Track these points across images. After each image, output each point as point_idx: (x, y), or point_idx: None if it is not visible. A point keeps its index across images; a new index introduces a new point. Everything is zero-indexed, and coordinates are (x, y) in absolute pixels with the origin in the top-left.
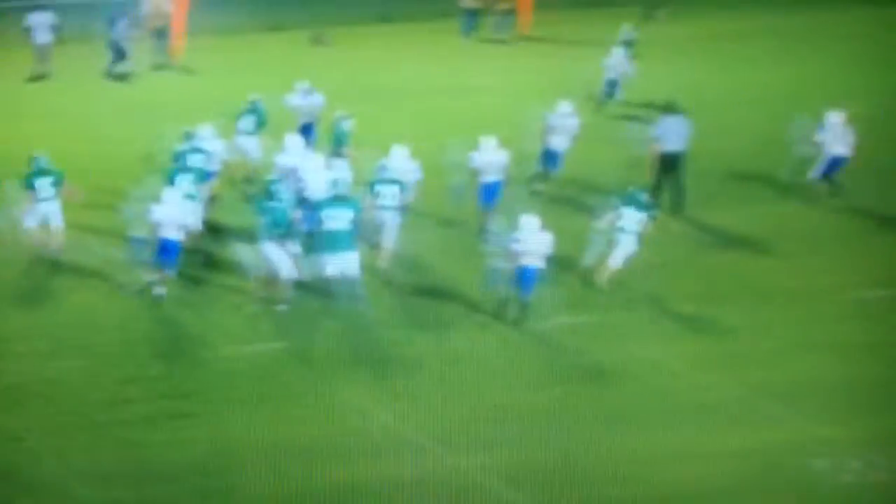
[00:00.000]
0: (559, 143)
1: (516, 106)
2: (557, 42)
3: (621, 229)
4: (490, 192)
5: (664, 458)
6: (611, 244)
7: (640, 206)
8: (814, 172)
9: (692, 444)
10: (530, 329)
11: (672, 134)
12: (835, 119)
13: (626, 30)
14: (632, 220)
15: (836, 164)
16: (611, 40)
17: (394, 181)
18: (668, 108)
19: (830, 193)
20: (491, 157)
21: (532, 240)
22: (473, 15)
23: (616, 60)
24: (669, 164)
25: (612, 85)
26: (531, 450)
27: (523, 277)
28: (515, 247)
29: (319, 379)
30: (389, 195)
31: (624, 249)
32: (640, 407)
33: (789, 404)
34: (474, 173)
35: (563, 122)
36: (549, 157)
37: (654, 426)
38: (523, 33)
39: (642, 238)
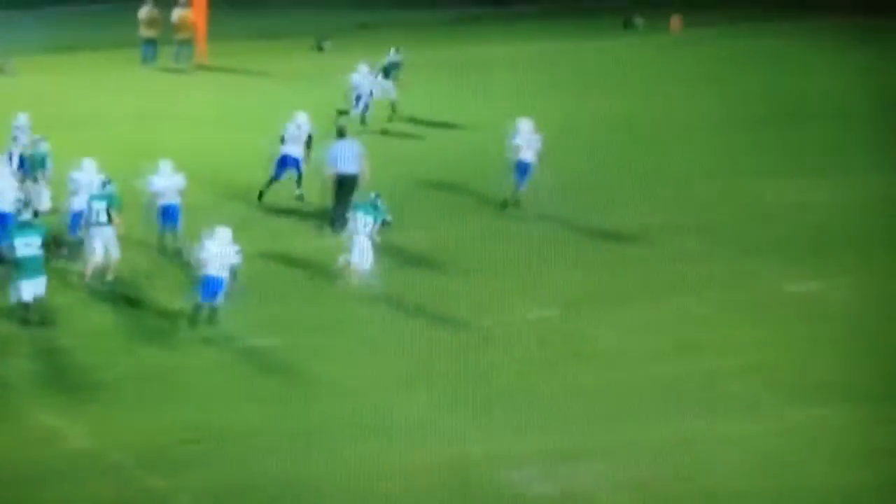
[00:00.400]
0: (296, 151)
1: (195, 131)
2: (233, 71)
3: (356, 232)
4: (168, 214)
5: (357, 475)
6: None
7: (372, 210)
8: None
9: (387, 461)
10: (226, 349)
11: (343, 157)
12: (525, 126)
13: (392, 53)
14: (362, 223)
15: (522, 169)
16: (281, 70)
17: (103, 197)
18: (339, 133)
19: (514, 203)
20: (168, 180)
21: (219, 250)
22: (152, 44)
23: (360, 78)
24: (343, 185)
25: (359, 99)
26: (229, 470)
27: (208, 285)
28: (202, 255)
29: (15, 403)
30: (101, 211)
31: (359, 251)
32: (329, 425)
33: (477, 419)
34: (153, 196)
35: (300, 133)
36: (286, 165)
37: (342, 443)
38: (201, 63)
39: (374, 241)
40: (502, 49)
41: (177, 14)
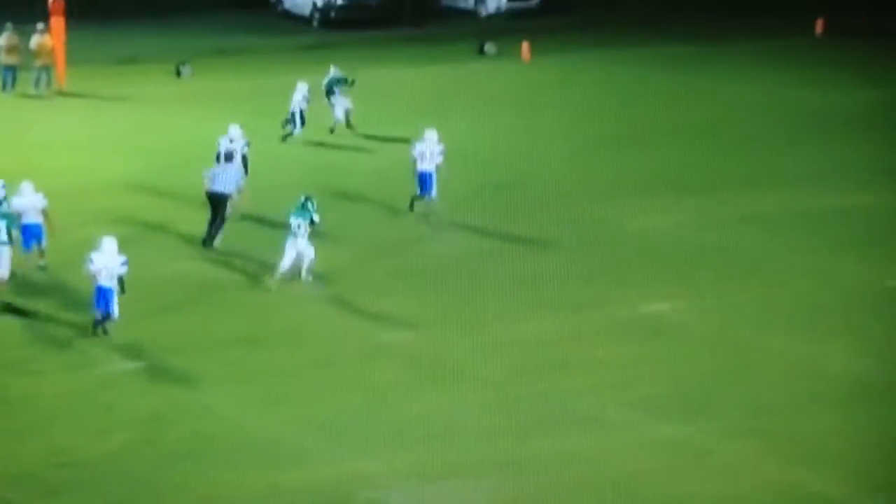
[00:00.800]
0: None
1: (56, 156)
2: (93, 97)
3: (290, 234)
4: (30, 232)
5: (223, 498)
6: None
7: (303, 212)
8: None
9: (250, 481)
10: (93, 373)
11: (218, 177)
12: (429, 135)
13: (332, 70)
14: (296, 225)
15: (423, 180)
16: (140, 95)
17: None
18: (226, 158)
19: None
20: (29, 200)
21: (105, 260)
22: (12, 71)
23: (300, 95)
24: (213, 203)
25: (294, 116)
26: (100, 494)
27: (99, 296)
28: (91, 266)
29: None
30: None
31: (290, 253)
32: (195, 447)
33: (334, 440)
34: (18, 215)
35: (236, 147)
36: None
37: (210, 465)
38: (61, 89)
39: (309, 241)
40: (367, 73)
41: (36, 40)
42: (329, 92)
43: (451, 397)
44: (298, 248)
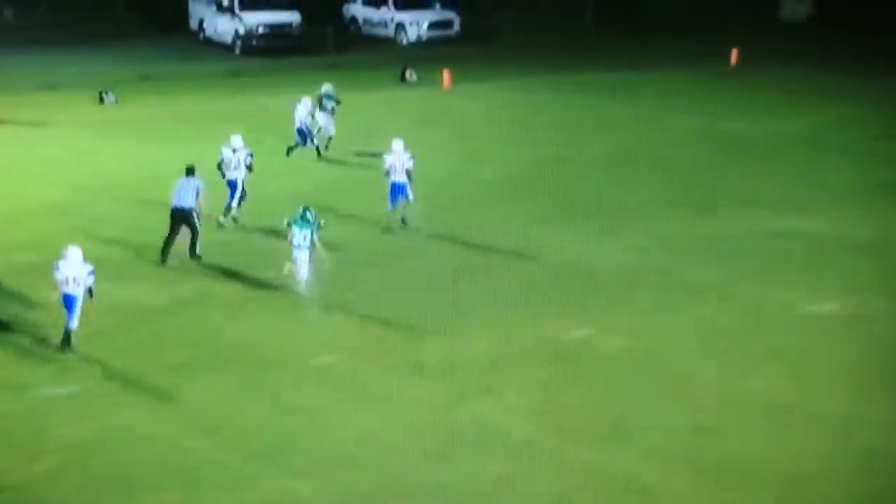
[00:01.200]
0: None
1: None
2: (15, 123)
3: (297, 246)
4: None
5: None
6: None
7: (306, 223)
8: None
9: None
10: (23, 398)
11: (179, 193)
12: (396, 146)
13: (325, 87)
14: (300, 236)
15: (396, 191)
16: (63, 121)
17: None
18: (187, 171)
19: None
20: None
21: (71, 270)
22: None
23: (304, 110)
24: (176, 219)
25: (302, 133)
26: None
27: (66, 304)
28: (56, 275)
29: None
30: None
31: (301, 264)
32: (131, 471)
33: (267, 463)
34: None
35: (236, 157)
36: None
37: (143, 491)
38: None
39: (314, 250)
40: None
41: None
42: (319, 108)
43: (384, 420)
44: (302, 259)
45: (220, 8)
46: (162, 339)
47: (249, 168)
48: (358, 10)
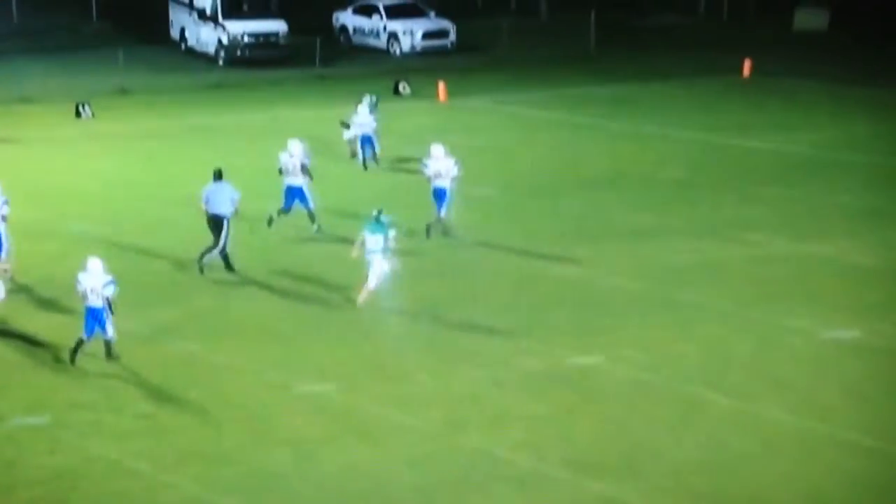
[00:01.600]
0: (296, 180)
1: None
2: None
3: (369, 252)
4: None
5: None
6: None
7: (379, 227)
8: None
9: None
10: None
11: (214, 199)
12: (436, 151)
13: (369, 96)
14: (373, 242)
15: (440, 196)
16: (39, 136)
17: None
18: (216, 176)
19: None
20: None
21: (91, 281)
22: None
23: (363, 118)
24: (213, 225)
25: (366, 140)
26: None
27: (89, 317)
28: (78, 287)
29: None
30: None
31: (375, 270)
32: None
33: (249, 499)
34: None
35: (293, 161)
36: (293, 195)
37: None
38: None
39: (389, 256)
40: (281, 114)
41: None
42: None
43: (379, 452)
44: (378, 264)
45: (202, 16)
46: (142, 367)
47: (305, 172)
48: (348, 19)
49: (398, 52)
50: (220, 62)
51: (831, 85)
